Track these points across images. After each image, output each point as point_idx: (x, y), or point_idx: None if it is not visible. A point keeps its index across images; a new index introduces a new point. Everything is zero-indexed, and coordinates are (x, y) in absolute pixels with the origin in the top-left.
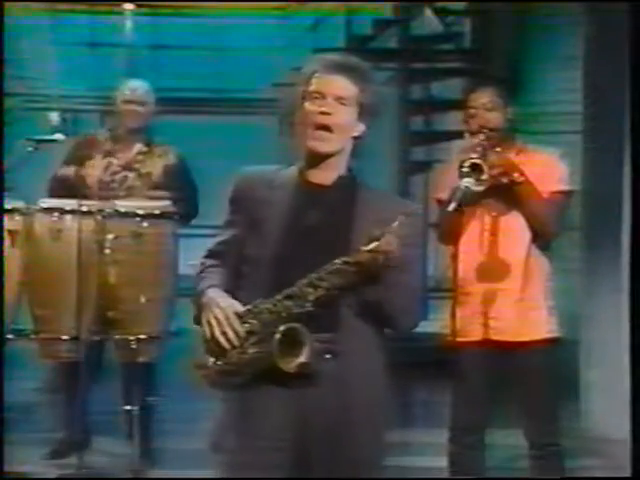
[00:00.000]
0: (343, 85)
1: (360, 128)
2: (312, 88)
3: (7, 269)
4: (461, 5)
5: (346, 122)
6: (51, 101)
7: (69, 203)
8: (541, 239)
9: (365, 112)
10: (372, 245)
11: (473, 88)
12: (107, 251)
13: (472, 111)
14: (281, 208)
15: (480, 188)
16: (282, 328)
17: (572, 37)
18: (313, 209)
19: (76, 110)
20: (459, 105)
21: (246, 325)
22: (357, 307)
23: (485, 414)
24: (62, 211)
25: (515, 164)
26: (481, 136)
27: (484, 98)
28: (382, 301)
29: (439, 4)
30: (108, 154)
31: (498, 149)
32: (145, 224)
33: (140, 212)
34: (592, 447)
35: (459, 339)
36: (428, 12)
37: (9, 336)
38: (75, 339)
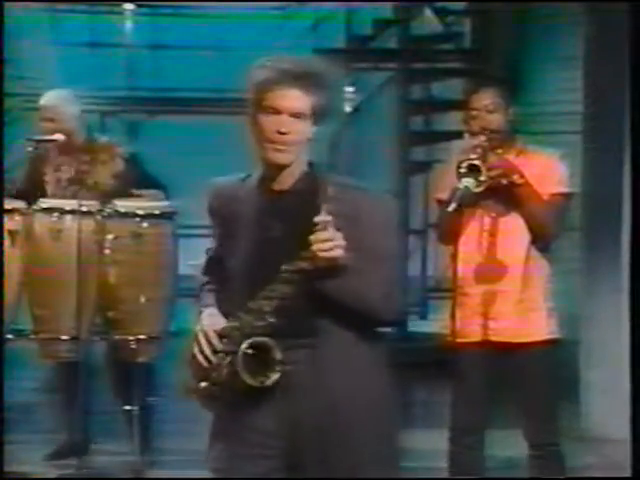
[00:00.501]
0: (298, 99)
1: (313, 130)
2: (267, 103)
3: (7, 269)
4: (461, 5)
5: (302, 136)
6: None
7: (69, 203)
8: (540, 241)
9: (319, 116)
10: (308, 251)
11: (475, 89)
12: (107, 251)
13: (474, 112)
14: (247, 220)
15: (479, 189)
16: (244, 345)
17: (572, 37)
18: (276, 217)
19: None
20: (459, 105)
21: (223, 344)
22: (330, 309)
23: (484, 414)
24: (62, 211)
25: (515, 166)
26: (482, 137)
27: (486, 100)
28: (357, 295)
29: (439, 4)
30: (57, 168)
31: (499, 150)
32: (145, 224)
33: (140, 212)
34: (592, 447)
35: (458, 340)
36: (428, 12)
37: (9, 336)
38: (75, 339)
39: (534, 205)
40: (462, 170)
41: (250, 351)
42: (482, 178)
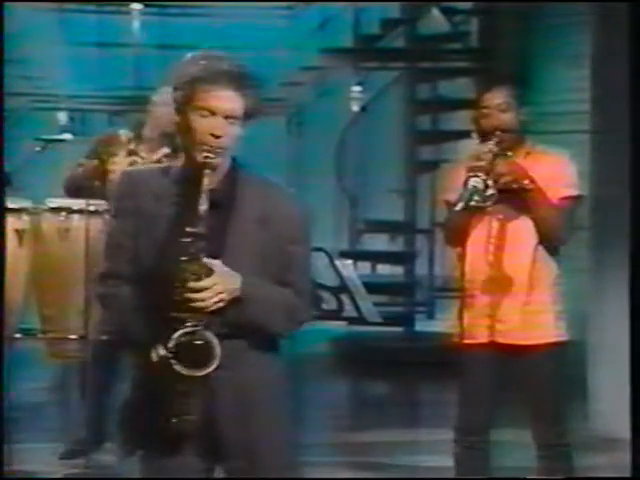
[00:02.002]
0: (232, 101)
1: (240, 134)
2: (200, 103)
3: (15, 268)
4: (468, 5)
5: (233, 139)
6: (59, 101)
7: (76, 203)
8: (549, 243)
9: (248, 118)
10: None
11: (487, 88)
12: None
13: (485, 111)
14: (164, 221)
15: (487, 204)
16: (178, 334)
17: (579, 36)
18: (202, 198)
19: (84, 110)
20: (466, 104)
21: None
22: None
23: (490, 415)
24: (69, 211)
25: (525, 171)
26: (493, 140)
27: (499, 99)
28: (256, 325)
29: (446, 4)
30: (132, 153)
31: (509, 153)
32: None
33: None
34: (600, 447)
35: (465, 341)
36: (435, 12)
37: (17, 335)
38: (83, 338)
39: (543, 209)
40: (470, 185)
41: (184, 339)
42: (489, 192)
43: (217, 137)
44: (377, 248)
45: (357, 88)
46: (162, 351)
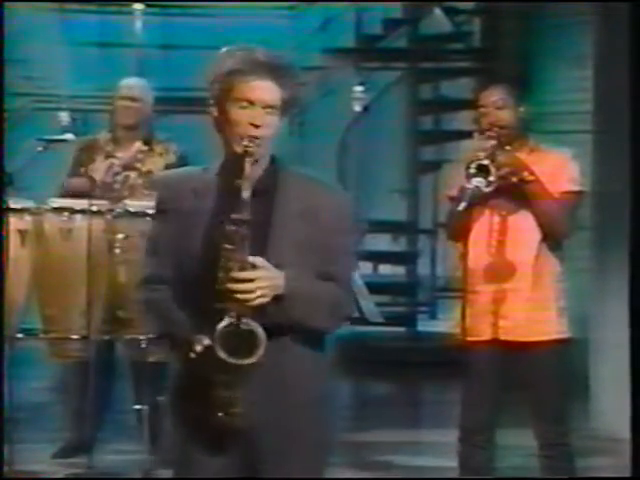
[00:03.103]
0: (271, 91)
1: (280, 125)
2: (239, 94)
3: (17, 269)
4: (470, 5)
5: (273, 130)
6: (61, 101)
7: (79, 203)
8: (551, 239)
9: (286, 110)
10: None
11: (484, 86)
12: (117, 251)
13: (483, 110)
14: (207, 216)
15: (488, 189)
16: (223, 323)
17: (582, 36)
18: (239, 212)
19: (86, 110)
20: (469, 104)
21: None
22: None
23: (494, 414)
24: (72, 211)
25: (525, 163)
26: (492, 134)
27: (495, 96)
28: (301, 321)
29: (448, 4)
30: (109, 155)
31: (508, 147)
32: None
33: (150, 212)
34: (602, 446)
35: (468, 338)
36: (437, 12)
37: (19, 335)
38: (85, 339)
39: (545, 203)
40: (472, 170)
41: (228, 329)
42: (491, 178)
43: (257, 127)
44: (379, 248)
45: (359, 88)
46: (206, 341)
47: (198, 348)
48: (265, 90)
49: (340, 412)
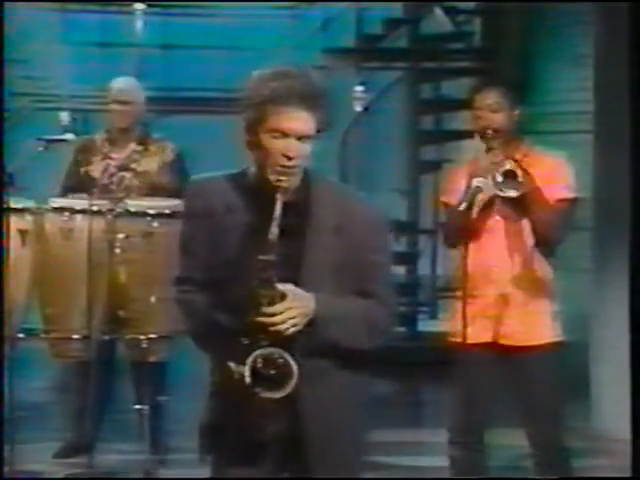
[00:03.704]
0: (305, 122)
1: (311, 148)
2: (273, 125)
3: (18, 268)
4: (471, 5)
5: (307, 156)
6: (61, 101)
7: (80, 203)
8: (544, 245)
9: (320, 133)
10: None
11: (478, 89)
12: (118, 251)
13: (477, 112)
14: (241, 224)
15: (518, 193)
16: (253, 357)
17: (583, 36)
18: (273, 224)
19: (86, 110)
20: (469, 105)
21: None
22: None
23: (487, 415)
24: (73, 211)
25: (528, 172)
26: (489, 138)
27: (489, 99)
28: (340, 342)
29: (449, 3)
30: (105, 156)
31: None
32: (155, 224)
33: (151, 212)
34: (602, 447)
35: (464, 341)
36: (438, 12)
37: (20, 335)
38: (86, 338)
39: (541, 210)
40: (499, 179)
41: (261, 361)
42: (520, 180)
43: (290, 158)
44: None
45: (360, 88)
46: (240, 369)
47: (233, 373)
48: (300, 121)
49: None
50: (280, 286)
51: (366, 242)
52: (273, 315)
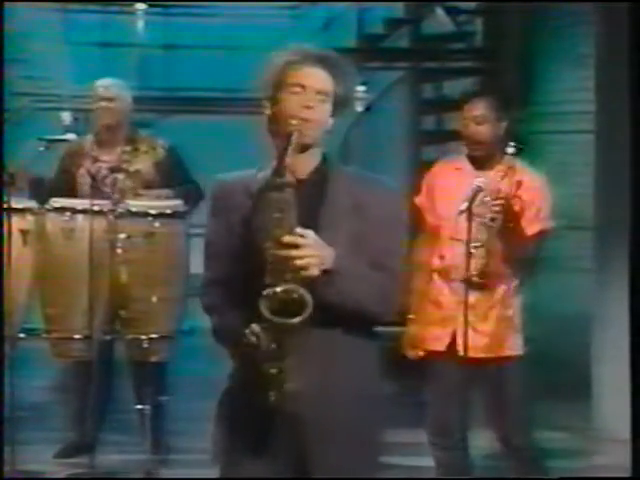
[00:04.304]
0: (323, 78)
1: (330, 122)
2: (291, 80)
3: (19, 268)
4: (472, 4)
5: (324, 117)
6: (62, 101)
7: (81, 203)
8: (511, 266)
9: (338, 105)
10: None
11: (467, 98)
12: (119, 250)
13: (464, 121)
14: (262, 213)
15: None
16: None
17: (584, 36)
18: (282, 176)
19: (87, 110)
20: (458, 109)
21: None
22: (326, 309)
23: (458, 417)
24: (74, 211)
25: (518, 195)
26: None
27: (475, 111)
28: (352, 299)
29: (450, 3)
30: (95, 159)
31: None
32: (157, 224)
33: (152, 212)
34: (602, 447)
35: (427, 348)
36: (439, 11)
37: (21, 335)
38: (87, 338)
39: (517, 239)
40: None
41: (276, 296)
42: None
43: (308, 108)
44: None
45: (361, 88)
46: (256, 328)
47: (250, 336)
48: (316, 76)
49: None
50: (301, 230)
51: (381, 222)
52: (290, 248)
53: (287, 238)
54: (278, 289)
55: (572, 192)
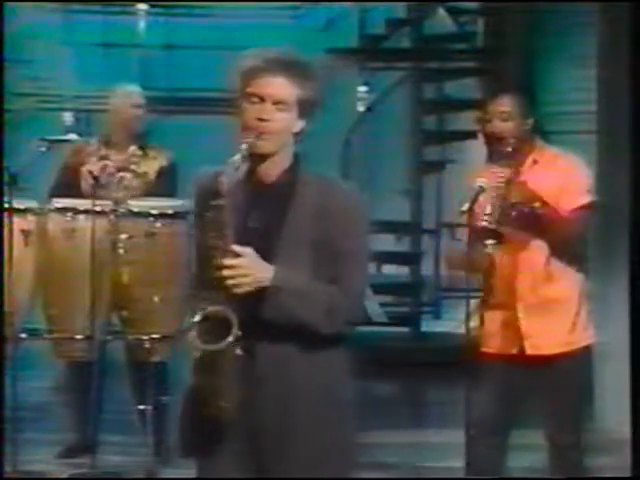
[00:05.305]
0: (282, 87)
1: (300, 124)
2: (251, 90)
3: (21, 269)
4: (474, 5)
5: (284, 126)
6: (64, 101)
7: (83, 203)
8: (564, 255)
9: (305, 109)
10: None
11: (493, 93)
12: (120, 251)
13: (487, 117)
14: (231, 212)
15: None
16: (198, 315)
17: (586, 36)
18: (257, 209)
19: (89, 110)
20: (472, 105)
21: None
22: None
23: (510, 418)
24: (75, 211)
25: (535, 193)
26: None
27: (502, 107)
28: (295, 315)
29: (452, 3)
30: (102, 158)
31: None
32: (158, 224)
33: (153, 212)
34: (604, 447)
35: (487, 349)
36: (441, 12)
37: (23, 335)
38: (88, 339)
39: (555, 226)
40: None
41: (204, 316)
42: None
43: (264, 121)
44: (383, 248)
45: (363, 88)
46: (191, 335)
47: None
48: (276, 86)
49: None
50: (236, 247)
51: (343, 230)
52: (224, 269)
53: (219, 260)
54: (206, 310)
55: None
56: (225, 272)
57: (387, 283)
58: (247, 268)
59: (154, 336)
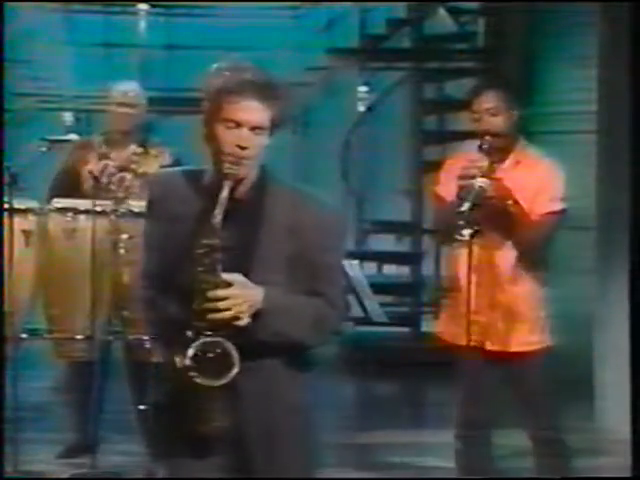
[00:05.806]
0: (258, 112)
1: (268, 139)
2: (226, 115)
3: (21, 269)
4: (474, 5)
5: (259, 149)
6: (65, 101)
7: (83, 203)
8: (527, 256)
9: (276, 128)
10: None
11: (477, 92)
12: (121, 251)
13: (476, 115)
14: (195, 224)
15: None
16: (194, 348)
17: (586, 36)
18: (228, 228)
19: (90, 110)
20: (468, 107)
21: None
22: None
23: (485, 412)
24: (76, 211)
25: (509, 192)
26: (484, 148)
27: (488, 103)
28: (281, 335)
29: (452, 3)
30: (103, 157)
31: (499, 164)
32: None
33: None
34: (603, 446)
35: (450, 342)
36: (441, 12)
37: (23, 335)
38: (89, 339)
39: (523, 227)
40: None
41: (202, 349)
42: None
43: (243, 148)
44: (383, 248)
45: (363, 88)
46: (184, 361)
47: (177, 364)
48: (252, 111)
49: (343, 412)
50: (226, 275)
51: (318, 243)
52: (217, 301)
53: (212, 294)
54: (203, 341)
55: (573, 193)
56: (220, 304)
57: (387, 283)
58: (240, 296)
59: (154, 336)
